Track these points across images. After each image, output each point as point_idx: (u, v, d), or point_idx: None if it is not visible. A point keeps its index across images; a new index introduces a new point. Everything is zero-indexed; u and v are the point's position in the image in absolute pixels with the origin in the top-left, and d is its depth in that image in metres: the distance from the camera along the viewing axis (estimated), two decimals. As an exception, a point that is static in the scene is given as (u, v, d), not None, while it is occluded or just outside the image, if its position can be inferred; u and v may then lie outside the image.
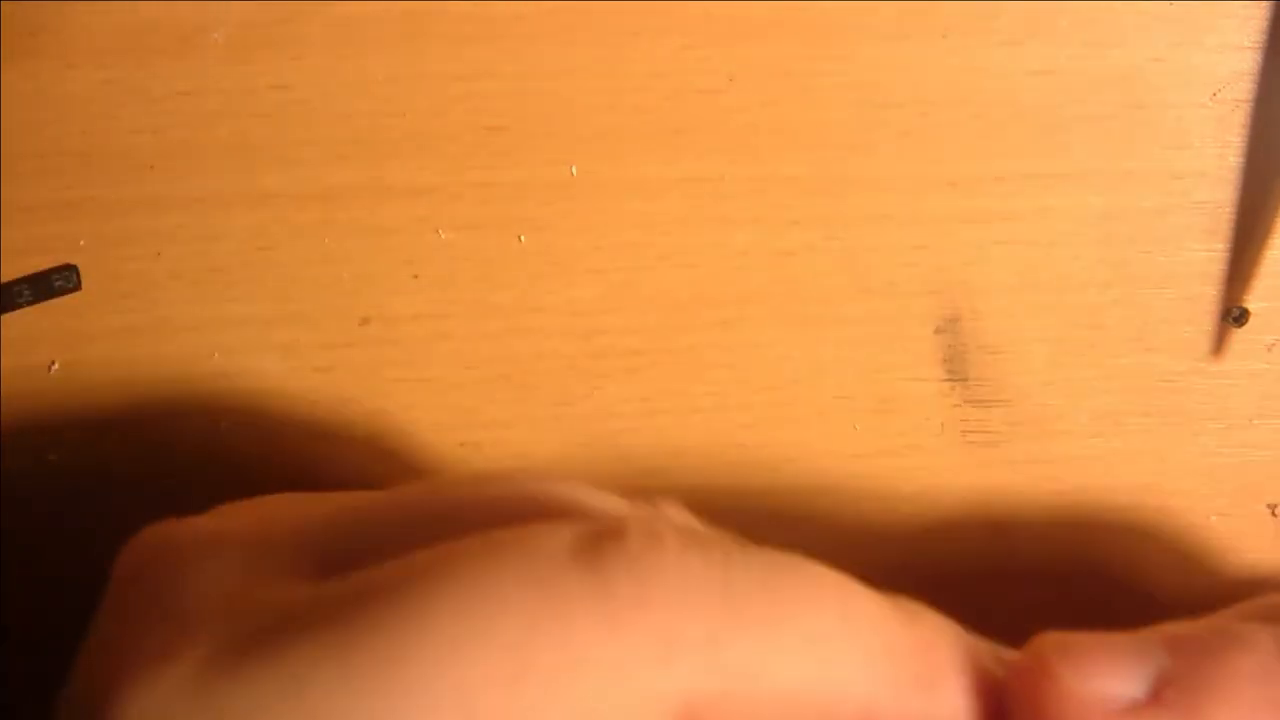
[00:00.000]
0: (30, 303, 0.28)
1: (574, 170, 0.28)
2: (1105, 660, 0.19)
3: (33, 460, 0.29)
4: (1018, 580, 0.29)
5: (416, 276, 0.28)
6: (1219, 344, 0.28)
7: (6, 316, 0.28)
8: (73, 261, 0.28)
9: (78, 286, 0.28)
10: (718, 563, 0.17)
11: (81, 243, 0.28)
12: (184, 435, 0.29)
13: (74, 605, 0.30)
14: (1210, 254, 0.28)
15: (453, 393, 0.29)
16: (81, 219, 0.28)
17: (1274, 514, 0.29)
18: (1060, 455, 0.29)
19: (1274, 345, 0.29)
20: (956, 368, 0.29)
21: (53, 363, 0.28)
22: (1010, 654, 0.20)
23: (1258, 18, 0.27)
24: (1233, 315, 0.28)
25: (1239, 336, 0.28)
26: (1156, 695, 0.19)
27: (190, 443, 0.29)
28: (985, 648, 0.20)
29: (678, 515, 0.20)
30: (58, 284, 0.28)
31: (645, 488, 0.29)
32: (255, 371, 0.28)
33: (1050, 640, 0.19)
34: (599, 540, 0.17)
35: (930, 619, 0.19)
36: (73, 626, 0.30)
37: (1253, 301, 0.28)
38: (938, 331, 0.28)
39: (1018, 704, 0.19)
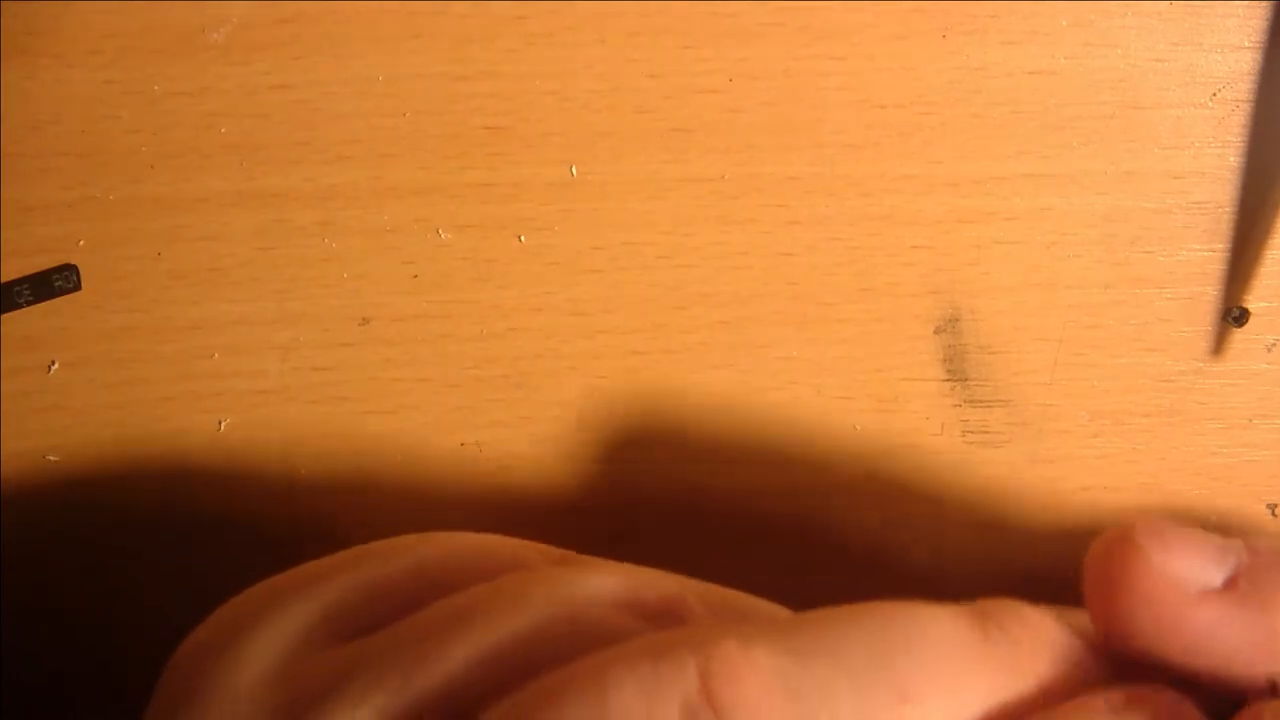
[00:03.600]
0: (30, 303, 0.28)
1: (574, 170, 0.28)
2: (1192, 547, 0.20)
3: (33, 460, 0.29)
4: (1017, 580, 0.29)
5: (416, 276, 0.28)
6: (1219, 344, 0.28)
7: (6, 316, 0.28)
8: (73, 261, 0.28)
9: (78, 286, 0.28)
10: (792, 652, 0.18)
11: (81, 243, 0.28)
12: (184, 435, 0.29)
13: (73, 605, 0.30)
14: (1210, 254, 0.28)
15: (453, 393, 0.29)
16: (81, 219, 0.28)
17: (1274, 514, 0.29)
18: (1060, 455, 0.29)
19: (1274, 345, 0.29)
20: (956, 368, 0.29)
21: (53, 363, 0.28)
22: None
23: (1258, 18, 0.27)
24: (1233, 315, 0.28)
25: (1239, 336, 0.28)
26: (1229, 585, 0.20)
27: (190, 443, 0.29)
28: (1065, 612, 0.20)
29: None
30: (58, 284, 0.28)
31: (644, 488, 0.29)
32: (255, 371, 0.28)
33: (1142, 521, 0.20)
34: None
35: (1012, 611, 0.19)
36: (72, 626, 0.30)
37: (1253, 301, 0.28)
38: (938, 331, 0.28)
39: (1097, 573, 0.20)
